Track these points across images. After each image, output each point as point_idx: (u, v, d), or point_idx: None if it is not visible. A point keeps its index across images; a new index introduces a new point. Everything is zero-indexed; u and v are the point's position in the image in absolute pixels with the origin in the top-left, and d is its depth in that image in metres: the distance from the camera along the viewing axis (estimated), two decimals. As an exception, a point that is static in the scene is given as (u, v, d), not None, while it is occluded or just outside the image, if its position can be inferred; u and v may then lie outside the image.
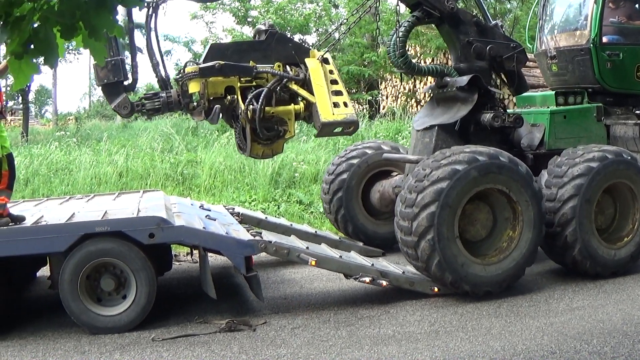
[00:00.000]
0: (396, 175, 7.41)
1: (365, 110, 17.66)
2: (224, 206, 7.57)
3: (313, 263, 5.36)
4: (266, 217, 7.46)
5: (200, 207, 6.78)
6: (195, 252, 6.17)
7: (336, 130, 5.88)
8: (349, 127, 5.87)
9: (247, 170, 11.22)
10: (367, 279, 5.45)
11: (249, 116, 5.64)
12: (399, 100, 18.07)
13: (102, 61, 2.89)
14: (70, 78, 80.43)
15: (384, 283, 5.50)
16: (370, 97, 17.87)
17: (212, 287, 5.09)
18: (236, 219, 6.60)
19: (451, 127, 6.48)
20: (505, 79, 7.05)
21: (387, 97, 18.88)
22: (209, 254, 5.42)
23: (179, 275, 6.82)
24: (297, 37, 18.80)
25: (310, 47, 6.26)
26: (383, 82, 19.04)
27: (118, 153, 11.91)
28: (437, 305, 5.46)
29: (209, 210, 6.58)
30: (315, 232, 7.33)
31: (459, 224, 5.48)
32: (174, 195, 8.33)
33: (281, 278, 6.64)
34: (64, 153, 12.37)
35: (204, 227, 5.31)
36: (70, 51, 22.40)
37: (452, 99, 6.69)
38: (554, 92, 7.28)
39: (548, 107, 7.05)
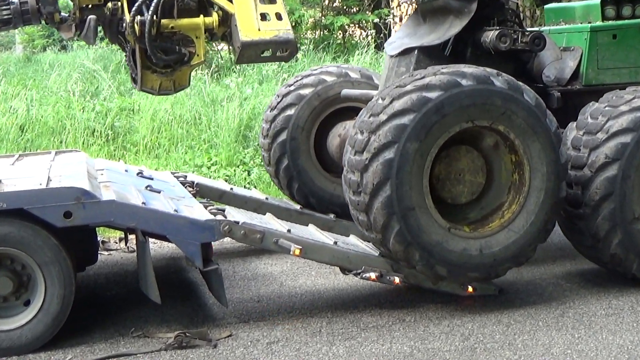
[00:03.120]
0: None
1: (370, 36, 17.60)
2: (172, 173, 7.63)
3: (297, 252, 5.38)
4: (232, 188, 7.53)
5: (138, 174, 6.83)
6: (132, 237, 6.26)
7: (264, 54, 5.79)
8: (282, 49, 5.75)
9: (205, 122, 11.23)
10: (374, 275, 5.45)
11: (137, 32, 5.53)
12: (416, 23, 17.99)
13: None
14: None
15: (397, 280, 5.51)
16: (377, 19, 17.73)
17: (154, 287, 5.11)
18: (190, 191, 6.65)
19: (438, 51, 6.40)
20: None
21: (400, 20, 18.76)
22: (151, 240, 5.45)
23: (107, 271, 6.86)
24: None
25: None
26: (395, -1, 18.95)
27: (18, 98, 11.84)
28: (472, 312, 5.47)
29: (151, 179, 6.62)
30: (301, 208, 7.38)
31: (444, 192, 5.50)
32: (100, 158, 8.36)
33: (253, 273, 6.69)
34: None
35: (143, 203, 5.31)
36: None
37: (442, 10, 6.58)
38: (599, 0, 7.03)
39: (590, 23, 6.84)
